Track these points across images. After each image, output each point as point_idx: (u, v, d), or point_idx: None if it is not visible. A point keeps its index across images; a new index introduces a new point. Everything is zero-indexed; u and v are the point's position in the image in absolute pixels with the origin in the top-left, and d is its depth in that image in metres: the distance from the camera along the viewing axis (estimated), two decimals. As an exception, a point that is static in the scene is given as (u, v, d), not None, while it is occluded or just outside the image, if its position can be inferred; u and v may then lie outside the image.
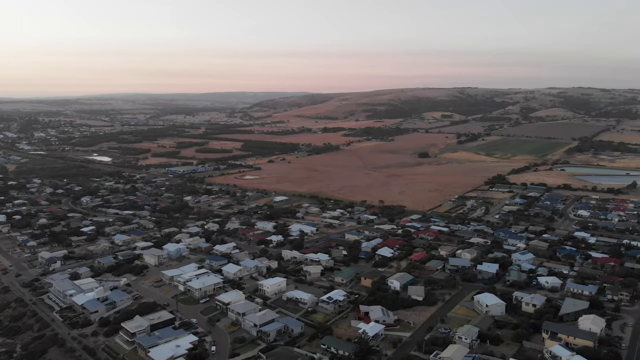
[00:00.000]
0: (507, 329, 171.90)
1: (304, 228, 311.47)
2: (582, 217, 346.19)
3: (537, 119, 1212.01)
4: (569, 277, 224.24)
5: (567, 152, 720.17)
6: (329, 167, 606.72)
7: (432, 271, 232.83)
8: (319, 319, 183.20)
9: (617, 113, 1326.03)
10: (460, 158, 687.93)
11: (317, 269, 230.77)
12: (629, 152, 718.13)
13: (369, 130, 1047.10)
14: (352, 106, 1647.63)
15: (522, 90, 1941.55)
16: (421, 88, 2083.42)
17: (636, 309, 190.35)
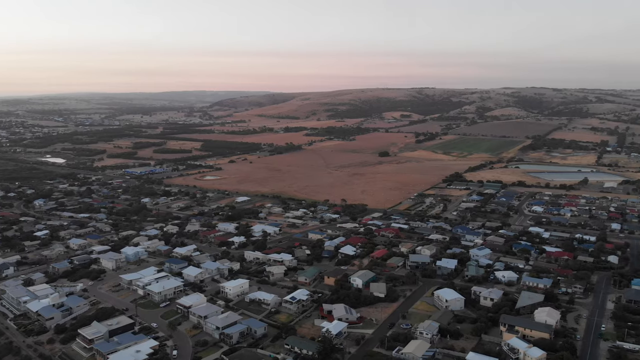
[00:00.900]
0: (467, 323, 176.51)
1: (267, 228, 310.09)
2: (536, 212, 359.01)
3: (492, 118, 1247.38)
4: (524, 271, 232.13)
5: (521, 150, 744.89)
6: (291, 166, 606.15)
7: (393, 268, 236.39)
8: (282, 319, 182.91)
9: (568, 112, 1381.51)
10: (419, 157, 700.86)
11: (280, 270, 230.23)
12: (580, 149, 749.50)
13: (330, 130, 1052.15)
14: (314, 106, 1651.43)
15: (478, 90, 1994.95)
16: (381, 88, 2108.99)
17: (589, 301, 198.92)
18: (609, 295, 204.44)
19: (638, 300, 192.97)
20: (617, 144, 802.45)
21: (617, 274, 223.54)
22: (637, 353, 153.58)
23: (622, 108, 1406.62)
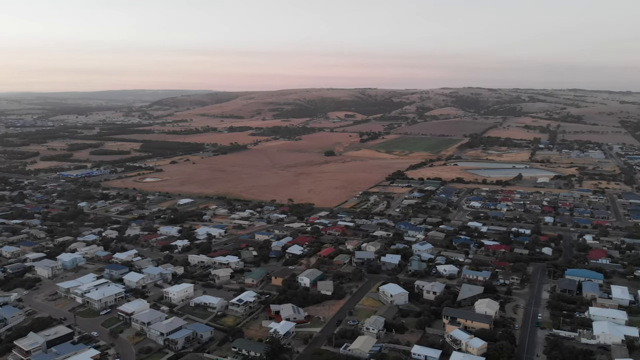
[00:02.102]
0: (411, 317, 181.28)
1: (212, 231, 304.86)
2: (474, 208, 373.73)
3: (431, 118, 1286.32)
4: (464, 264, 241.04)
5: (459, 148, 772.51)
6: (236, 167, 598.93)
7: (340, 265, 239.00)
8: (229, 322, 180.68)
9: (503, 111, 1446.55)
10: (363, 156, 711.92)
11: (226, 272, 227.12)
12: (515, 146, 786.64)
13: (276, 130, 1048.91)
14: (259, 105, 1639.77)
15: (418, 90, 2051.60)
16: (325, 88, 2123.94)
17: (526, 292, 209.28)
18: (544, 285, 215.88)
19: (572, 289, 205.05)
20: (549, 141, 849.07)
21: (551, 265, 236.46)
22: (572, 340, 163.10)
23: (553, 107, 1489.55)
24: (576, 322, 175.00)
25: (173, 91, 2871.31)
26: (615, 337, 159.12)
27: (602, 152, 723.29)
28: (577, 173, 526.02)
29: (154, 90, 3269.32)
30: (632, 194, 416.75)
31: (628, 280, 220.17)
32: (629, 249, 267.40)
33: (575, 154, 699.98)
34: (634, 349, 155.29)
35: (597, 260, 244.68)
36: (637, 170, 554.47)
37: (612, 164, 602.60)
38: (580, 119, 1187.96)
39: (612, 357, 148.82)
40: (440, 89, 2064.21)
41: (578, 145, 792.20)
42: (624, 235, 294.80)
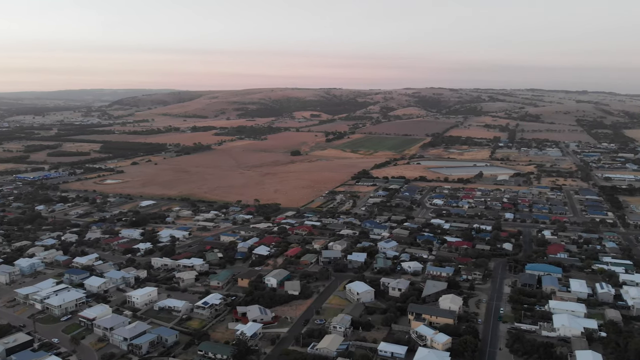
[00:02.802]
0: (377, 314, 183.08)
1: (175, 233, 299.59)
2: (437, 205, 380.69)
3: (395, 118, 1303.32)
4: (428, 261, 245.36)
5: (421, 147, 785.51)
6: (200, 167, 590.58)
7: (306, 265, 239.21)
8: (194, 326, 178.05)
9: (464, 110, 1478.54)
10: (329, 155, 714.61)
11: (191, 275, 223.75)
12: (475, 145, 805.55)
13: (241, 129, 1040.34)
14: (223, 104, 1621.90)
15: (381, 90, 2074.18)
16: (290, 88, 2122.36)
17: (488, 287, 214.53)
18: (505, 280, 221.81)
19: (532, 283, 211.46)
20: (508, 140, 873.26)
21: (512, 260, 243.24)
22: (533, 333, 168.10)
23: (512, 106, 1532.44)
24: (537, 316, 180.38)
25: (134, 90, 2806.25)
26: (574, 330, 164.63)
27: (560, 150, 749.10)
28: (535, 170, 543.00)
29: (113, 90, 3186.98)
30: (589, 190, 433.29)
31: (586, 274, 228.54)
32: (586, 244, 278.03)
33: (533, 152, 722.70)
34: (593, 340, 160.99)
35: (555, 254, 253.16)
36: (593, 167, 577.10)
37: (569, 162, 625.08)
38: (538, 118, 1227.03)
39: (572, 349, 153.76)
40: (403, 90, 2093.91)
41: (536, 143, 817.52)
42: (581, 230, 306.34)
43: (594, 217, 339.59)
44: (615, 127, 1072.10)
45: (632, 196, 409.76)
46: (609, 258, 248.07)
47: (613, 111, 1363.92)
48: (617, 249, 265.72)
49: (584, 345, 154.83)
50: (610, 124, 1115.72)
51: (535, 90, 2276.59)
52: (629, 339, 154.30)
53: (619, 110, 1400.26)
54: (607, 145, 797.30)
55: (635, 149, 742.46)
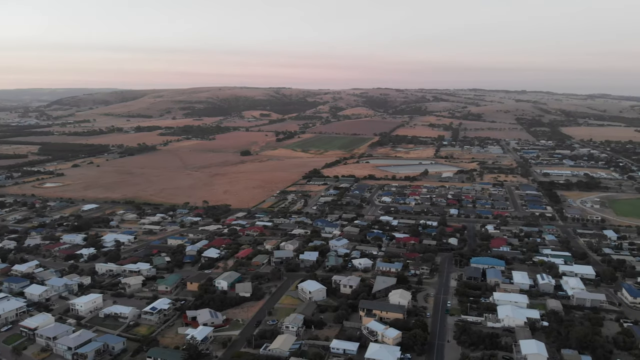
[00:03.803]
0: (329, 312, 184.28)
1: (120, 237, 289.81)
2: (386, 202, 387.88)
3: (344, 117, 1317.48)
4: (378, 257, 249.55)
5: (370, 146, 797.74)
6: (145, 169, 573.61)
7: (258, 266, 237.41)
8: (142, 332, 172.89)
9: (410, 110, 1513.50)
10: (280, 155, 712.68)
11: (137, 280, 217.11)
12: (421, 144, 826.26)
13: (188, 129, 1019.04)
14: (168, 103, 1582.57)
15: (331, 90, 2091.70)
16: (239, 87, 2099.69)
17: (435, 281, 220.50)
18: (451, 273, 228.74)
19: (477, 276, 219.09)
20: (452, 138, 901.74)
21: (457, 254, 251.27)
22: (479, 325, 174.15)
23: (455, 106, 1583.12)
24: (482, 307, 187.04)
25: (74, 90, 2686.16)
26: (518, 320, 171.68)
27: (501, 147, 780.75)
28: (478, 167, 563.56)
29: (52, 89, 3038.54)
30: (528, 186, 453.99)
31: (527, 266, 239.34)
32: (527, 237, 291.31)
33: (476, 150, 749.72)
34: (536, 330, 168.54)
35: (498, 248, 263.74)
36: (532, 164, 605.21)
37: (509, 158, 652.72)
38: (480, 117, 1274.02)
39: (516, 339, 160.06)
40: (352, 90, 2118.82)
41: (478, 141, 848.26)
42: (522, 224, 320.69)
43: (534, 211, 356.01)
44: (552, 125, 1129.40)
45: (569, 190, 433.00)
46: (549, 250, 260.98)
47: (550, 110, 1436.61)
48: (556, 242, 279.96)
49: (527, 335, 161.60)
50: (548, 122, 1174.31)
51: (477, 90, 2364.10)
52: (569, 328, 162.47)
53: (556, 108, 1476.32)
54: (545, 143, 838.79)
55: (572, 146, 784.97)
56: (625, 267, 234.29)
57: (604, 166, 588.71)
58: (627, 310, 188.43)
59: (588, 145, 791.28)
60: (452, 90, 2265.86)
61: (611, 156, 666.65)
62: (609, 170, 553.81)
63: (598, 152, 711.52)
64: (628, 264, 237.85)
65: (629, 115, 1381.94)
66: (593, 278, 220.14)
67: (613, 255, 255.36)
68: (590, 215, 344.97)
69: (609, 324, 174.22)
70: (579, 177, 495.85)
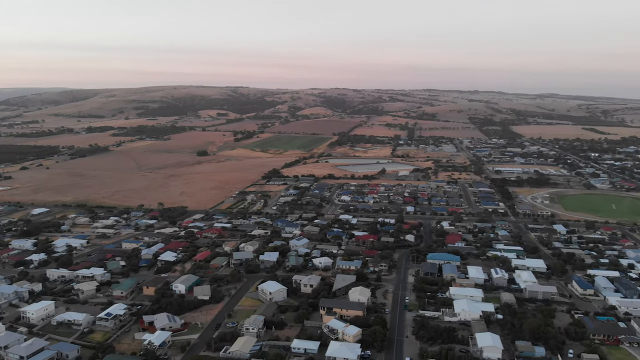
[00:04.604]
0: (290, 312, 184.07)
1: (72, 242, 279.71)
2: (345, 201, 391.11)
3: (303, 117, 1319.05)
4: (338, 255, 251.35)
5: (329, 145, 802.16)
6: (97, 170, 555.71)
7: (217, 268, 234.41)
8: (98, 339, 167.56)
9: (367, 110, 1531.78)
10: (238, 155, 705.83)
11: (91, 286, 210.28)
12: (378, 143, 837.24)
13: (141, 129, 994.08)
14: (121, 103, 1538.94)
15: (289, 90, 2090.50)
16: (195, 86, 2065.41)
17: (394, 277, 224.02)
18: (409, 270, 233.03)
19: (433, 272, 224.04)
20: (408, 137, 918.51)
21: (415, 251, 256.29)
22: (437, 319, 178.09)
23: (411, 106, 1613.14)
24: (439, 302, 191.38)
25: (21, 89, 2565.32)
26: (473, 314, 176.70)
27: (454, 146, 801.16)
28: (433, 166, 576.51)
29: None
30: (481, 183, 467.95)
31: (482, 261, 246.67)
32: (480, 232, 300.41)
33: (430, 149, 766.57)
34: (491, 323, 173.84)
35: (453, 244, 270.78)
36: (484, 162, 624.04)
37: (463, 157, 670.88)
38: (434, 116, 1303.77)
39: (472, 332, 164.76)
40: (310, 90, 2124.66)
41: (433, 140, 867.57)
42: (476, 220, 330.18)
43: (487, 207, 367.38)
44: (503, 123, 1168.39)
45: (520, 187, 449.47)
46: (502, 245, 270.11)
47: (502, 109, 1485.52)
48: (508, 237, 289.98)
49: (482, 328, 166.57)
50: (499, 121, 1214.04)
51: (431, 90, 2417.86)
52: (523, 320, 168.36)
53: (507, 108, 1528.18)
54: (496, 141, 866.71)
55: (522, 144, 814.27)
56: (574, 260, 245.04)
57: (553, 163, 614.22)
58: (578, 302, 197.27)
59: (538, 143, 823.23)
60: (408, 91, 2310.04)
61: (560, 153, 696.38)
62: (558, 167, 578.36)
63: (547, 149, 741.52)
64: (577, 257, 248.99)
65: (576, 114, 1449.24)
66: (544, 271, 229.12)
67: (563, 248, 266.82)
68: (540, 210, 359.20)
69: (561, 316, 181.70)
70: (530, 174, 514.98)
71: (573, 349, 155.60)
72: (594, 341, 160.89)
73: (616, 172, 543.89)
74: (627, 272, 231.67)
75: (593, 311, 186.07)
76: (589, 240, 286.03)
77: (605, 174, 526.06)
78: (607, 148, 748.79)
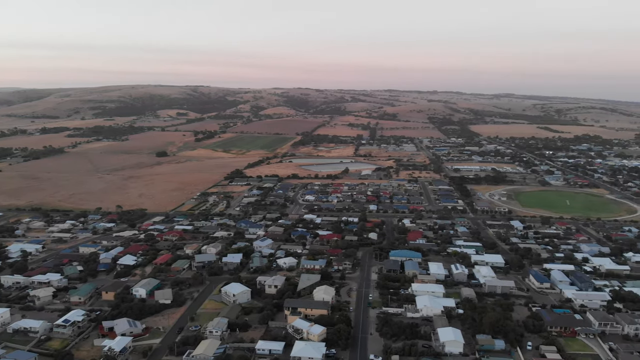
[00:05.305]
0: (254, 313, 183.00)
1: (27, 247, 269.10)
2: (309, 201, 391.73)
3: (266, 117, 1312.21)
4: (302, 255, 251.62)
5: (292, 145, 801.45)
6: (53, 173, 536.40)
7: (178, 271, 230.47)
8: (55, 346, 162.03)
9: (330, 110, 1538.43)
10: (199, 155, 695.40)
11: (47, 292, 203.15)
12: (341, 143, 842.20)
13: (98, 130, 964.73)
14: (77, 103, 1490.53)
15: (251, 90, 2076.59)
16: (153, 85, 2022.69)
17: (357, 275, 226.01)
18: (372, 267, 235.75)
19: (396, 269, 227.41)
20: (370, 137, 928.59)
21: (377, 248, 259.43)
22: (400, 315, 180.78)
23: (372, 106, 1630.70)
24: (402, 299, 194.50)
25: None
26: (435, 309, 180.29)
27: (414, 145, 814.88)
28: (394, 165, 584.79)
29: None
30: (441, 181, 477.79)
31: (442, 257, 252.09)
32: (440, 229, 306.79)
33: (392, 148, 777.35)
34: (452, 317, 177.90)
35: (415, 241, 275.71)
36: (443, 160, 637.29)
37: (423, 156, 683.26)
38: (395, 116, 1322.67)
39: (434, 327, 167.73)
40: (273, 89, 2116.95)
41: (394, 140, 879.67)
42: (436, 218, 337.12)
43: (447, 205, 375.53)
44: (462, 123, 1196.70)
45: (478, 185, 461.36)
46: (461, 241, 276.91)
47: (460, 109, 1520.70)
48: (467, 233, 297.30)
49: (444, 323, 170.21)
50: (457, 121, 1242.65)
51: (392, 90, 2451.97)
52: (482, 314, 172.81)
53: (465, 107, 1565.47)
54: (455, 140, 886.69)
55: (480, 143, 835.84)
56: (531, 254, 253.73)
57: (510, 161, 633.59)
58: (535, 295, 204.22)
59: (494, 142, 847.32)
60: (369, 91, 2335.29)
61: (516, 151, 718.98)
62: (514, 165, 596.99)
63: (504, 148, 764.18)
64: (534, 252, 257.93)
65: (531, 113, 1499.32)
66: (502, 266, 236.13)
67: (520, 244, 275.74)
68: (498, 207, 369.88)
69: (519, 309, 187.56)
70: (487, 172, 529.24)
71: (531, 341, 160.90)
72: (551, 333, 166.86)
73: (570, 169, 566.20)
74: (582, 265, 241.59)
75: (550, 304, 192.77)
76: (544, 235, 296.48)
77: (559, 171, 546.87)
78: (561, 146, 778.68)
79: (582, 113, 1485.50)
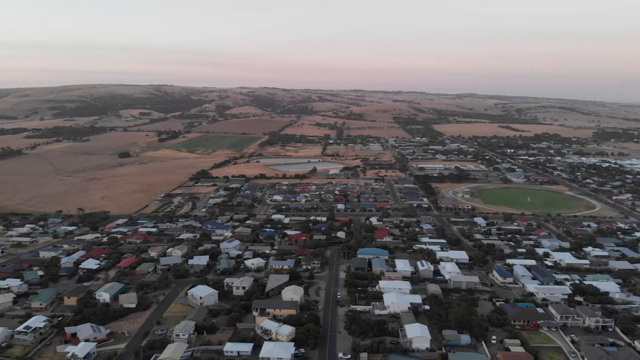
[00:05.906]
0: (222, 315, 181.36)
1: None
2: (277, 201, 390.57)
3: (232, 116, 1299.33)
4: (271, 255, 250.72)
5: (260, 145, 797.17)
6: (10, 175, 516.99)
7: (143, 275, 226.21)
8: (17, 353, 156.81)
9: (297, 110, 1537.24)
10: (163, 156, 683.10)
11: (7, 298, 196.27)
12: (309, 142, 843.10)
13: (58, 130, 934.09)
14: (35, 103, 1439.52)
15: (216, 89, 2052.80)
16: (115, 84, 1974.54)
17: (326, 274, 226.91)
18: (341, 265, 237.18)
19: (363, 267, 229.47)
20: (337, 137, 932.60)
21: (345, 247, 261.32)
22: (368, 313, 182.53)
23: (339, 106, 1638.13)
24: (370, 296, 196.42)
25: None
26: (402, 306, 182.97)
27: (380, 144, 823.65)
28: (361, 164, 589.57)
29: None
30: (406, 180, 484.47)
31: (408, 254, 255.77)
32: (406, 227, 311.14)
33: (358, 147, 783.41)
34: (419, 314, 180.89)
35: (382, 238, 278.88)
36: (408, 159, 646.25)
37: (389, 155, 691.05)
38: (362, 116, 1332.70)
39: (401, 324, 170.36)
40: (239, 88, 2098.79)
41: (361, 139, 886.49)
42: (402, 215, 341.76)
43: (412, 203, 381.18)
44: (426, 123, 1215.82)
45: (442, 183, 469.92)
46: (427, 238, 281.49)
47: (424, 109, 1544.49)
48: (432, 230, 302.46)
49: (411, 319, 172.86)
50: (422, 120, 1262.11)
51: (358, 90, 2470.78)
52: (448, 310, 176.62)
53: (429, 107, 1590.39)
54: (419, 139, 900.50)
55: (443, 142, 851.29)
56: (494, 250, 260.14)
57: (472, 159, 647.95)
58: (499, 290, 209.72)
59: (457, 141, 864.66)
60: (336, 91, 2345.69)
61: (478, 150, 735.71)
62: (477, 163, 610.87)
63: (466, 146, 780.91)
64: (497, 248, 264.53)
65: (493, 113, 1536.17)
66: (467, 262, 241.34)
67: (483, 240, 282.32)
68: (461, 204, 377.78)
69: (483, 304, 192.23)
70: (451, 170, 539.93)
71: (496, 335, 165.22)
72: (515, 327, 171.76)
73: (530, 166, 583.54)
74: (543, 260, 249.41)
75: (513, 298, 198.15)
76: (507, 232, 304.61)
77: (520, 169, 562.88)
78: (522, 144, 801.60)
79: (542, 112, 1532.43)
